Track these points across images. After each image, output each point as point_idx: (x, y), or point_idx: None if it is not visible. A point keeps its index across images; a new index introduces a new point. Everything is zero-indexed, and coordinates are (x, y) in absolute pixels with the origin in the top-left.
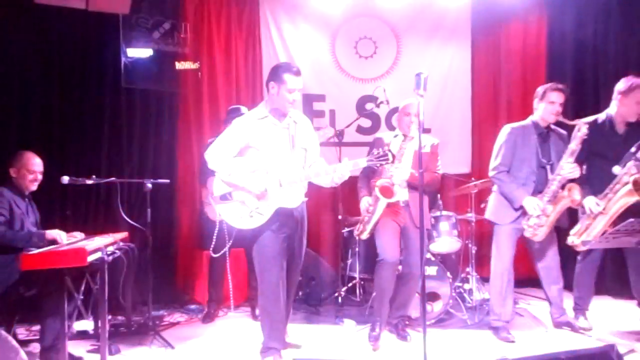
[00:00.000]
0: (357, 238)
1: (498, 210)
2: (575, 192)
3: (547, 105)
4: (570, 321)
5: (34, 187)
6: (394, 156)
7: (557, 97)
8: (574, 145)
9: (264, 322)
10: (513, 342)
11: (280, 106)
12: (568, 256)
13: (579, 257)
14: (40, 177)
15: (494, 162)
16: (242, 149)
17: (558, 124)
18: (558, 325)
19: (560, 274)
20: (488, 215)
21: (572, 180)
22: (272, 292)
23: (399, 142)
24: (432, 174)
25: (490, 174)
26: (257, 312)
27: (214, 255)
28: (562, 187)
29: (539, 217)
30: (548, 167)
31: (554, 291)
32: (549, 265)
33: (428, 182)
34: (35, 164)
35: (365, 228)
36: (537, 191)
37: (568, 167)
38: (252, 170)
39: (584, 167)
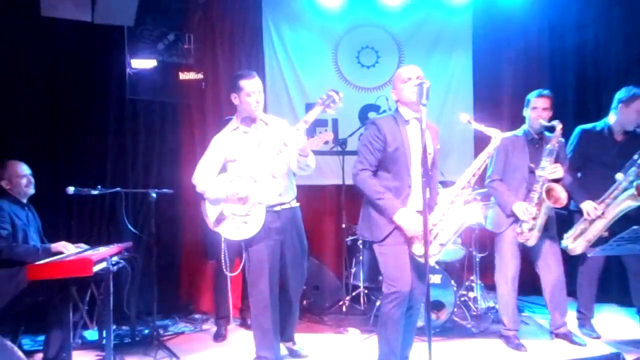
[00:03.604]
0: (360, 246)
1: (495, 219)
2: (556, 191)
3: (531, 111)
4: (567, 333)
5: (31, 190)
6: (338, 93)
7: (541, 103)
8: (551, 145)
9: (255, 331)
10: (525, 351)
11: (248, 112)
12: (570, 263)
13: (580, 267)
14: (32, 179)
15: (488, 172)
16: (223, 164)
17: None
18: (556, 336)
19: (563, 285)
20: (487, 224)
21: (555, 181)
22: (262, 301)
23: (416, 130)
24: None
25: (485, 182)
26: (249, 321)
27: (229, 275)
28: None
29: (529, 222)
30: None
31: (556, 302)
32: (552, 275)
33: None
34: (23, 168)
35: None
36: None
37: (550, 168)
38: (230, 180)
39: (579, 174)
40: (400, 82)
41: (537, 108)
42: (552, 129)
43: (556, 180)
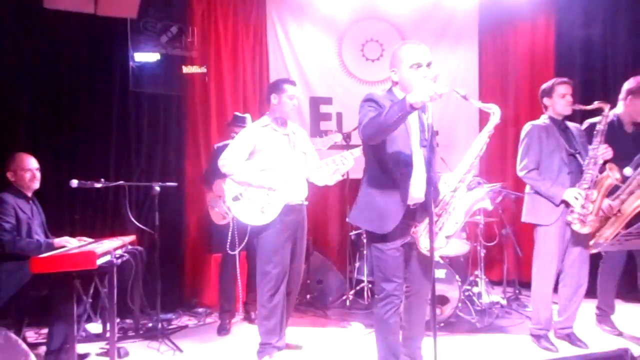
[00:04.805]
0: (364, 241)
1: (538, 211)
2: (615, 171)
3: (558, 99)
4: (570, 334)
5: (35, 185)
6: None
7: (567, 89)
8: (601, 125)
9: (261, 321)
10: (556, 351)
11: (283, 114)
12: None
13: (601, 263)
14: (38, 174)
15: (521, 162)
16: (250, 154)
17: (574, 114)
18: (559, 336)
19: (583, 290)
20: (528, 218)
21: (606, 161)
22: (271, 288)
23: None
24: None
25: (520, 174)
26: (253, 315)
27: (231, 253)
28: (600, 170)
29: (584, 207)
30: (578, 155)
31: (569, 305)
32: (574, 277)
33: None
34: (30, 162)
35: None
36: (574, 181)
37: (601, 148)
38: (261, 170)
39: None
40: (405, 66)
41: (565, 94)
42: (599, 111)
43: (605, 162)
